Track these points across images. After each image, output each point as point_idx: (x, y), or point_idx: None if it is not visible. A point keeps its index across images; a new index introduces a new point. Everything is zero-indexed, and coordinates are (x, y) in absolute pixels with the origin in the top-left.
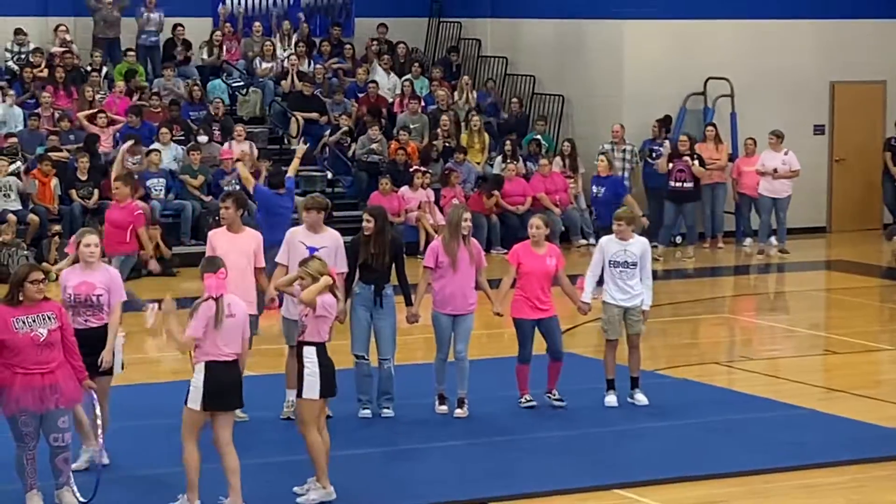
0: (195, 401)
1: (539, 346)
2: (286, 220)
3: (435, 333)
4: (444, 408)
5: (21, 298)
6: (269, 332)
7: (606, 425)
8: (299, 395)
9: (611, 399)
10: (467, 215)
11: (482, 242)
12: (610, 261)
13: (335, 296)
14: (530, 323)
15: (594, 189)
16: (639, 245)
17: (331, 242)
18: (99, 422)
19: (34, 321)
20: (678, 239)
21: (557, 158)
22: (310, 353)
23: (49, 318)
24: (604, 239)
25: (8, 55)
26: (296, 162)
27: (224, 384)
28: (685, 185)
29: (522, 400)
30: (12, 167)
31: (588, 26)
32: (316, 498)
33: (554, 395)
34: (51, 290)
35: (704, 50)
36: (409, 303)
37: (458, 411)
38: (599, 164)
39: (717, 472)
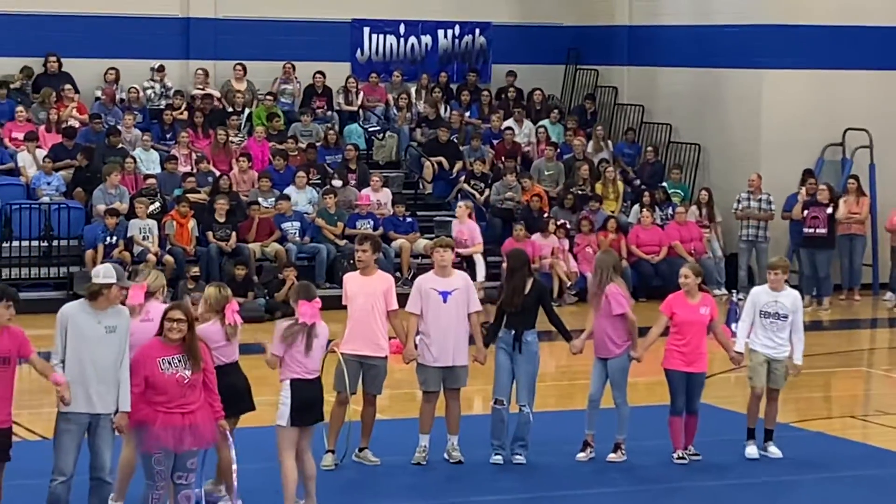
0: (283, 417)
1: None
2: None
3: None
4: (582, 454)
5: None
6: (400, 377)
7: (748, 477)
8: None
9: (751, 450)
10: (602, 257)
11: None
12: (761, 311)
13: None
14: (681, 375)
15: None
16: (790, 297)
17: (462, 284)
18: (234, 466)
19: (179, 362)
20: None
21: (693, 207)
22: None
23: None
24: (755, 289)
25: (150, 92)
26: None
27: (308, 400)
28: (818, 231)
29: (675, 455)
30: (151, 207)
31: (726, 75)
32: None
33: (690, 451)
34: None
35: (843, 100)
36: (567, 339)
37: (611, 455)
38: None
39: None
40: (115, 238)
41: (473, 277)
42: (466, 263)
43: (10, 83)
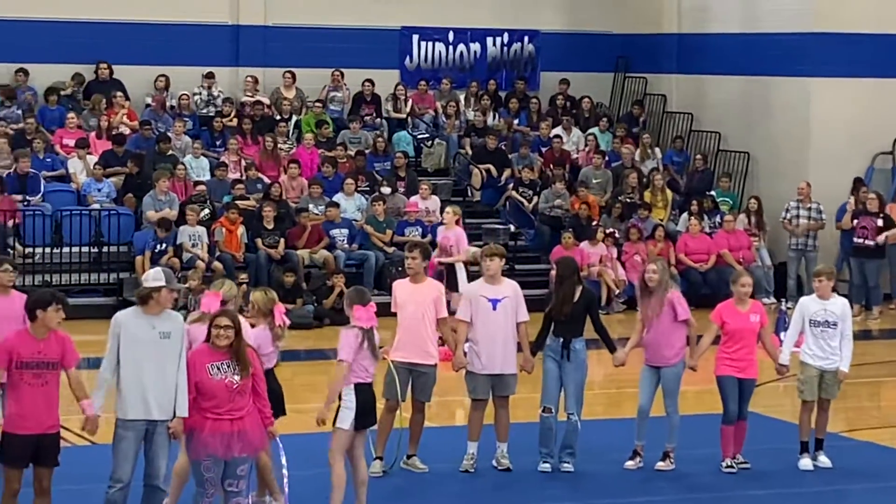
0: (346, 421)
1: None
2: None
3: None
4: (631, 463)
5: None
6: (449, 384)
7: (797, 486)
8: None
9: (805, 462)
10: (651, 267)
11: None
12: (811, 320)
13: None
14: (733, 381)
15: None
16: (839, 305)
17: (511, 292)
18: (285, 471)
19: (228, 367)
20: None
21: (742, 216)
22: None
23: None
24: (804, 298)
25: (198, 99)
26: None
27: (369, 404)
28: (867, 241)
29: (723, 464)
30: (201, 214)
31: (775, 84)
32: None
33: (738, 460)
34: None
35: (893, 109)
36: (611, 350)
37: (659, 464)
38: None
39: None
40: (164, 245)
41: (455, 288)
42: (448, 272)
43: (62, 90)
